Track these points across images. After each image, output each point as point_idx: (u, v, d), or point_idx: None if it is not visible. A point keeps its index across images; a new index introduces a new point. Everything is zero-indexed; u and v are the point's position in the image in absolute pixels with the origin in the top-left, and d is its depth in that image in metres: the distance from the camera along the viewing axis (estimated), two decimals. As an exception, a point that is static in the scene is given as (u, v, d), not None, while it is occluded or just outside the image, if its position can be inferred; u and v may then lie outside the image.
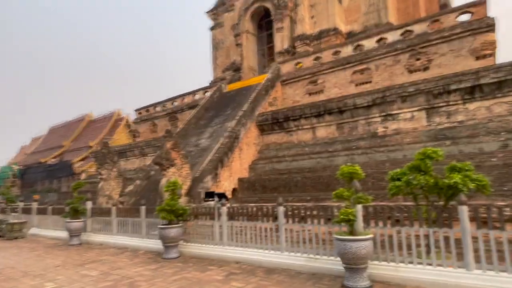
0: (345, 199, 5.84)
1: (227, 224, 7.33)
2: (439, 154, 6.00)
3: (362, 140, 14.11)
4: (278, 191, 14.08)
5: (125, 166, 24.94)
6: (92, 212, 11.40)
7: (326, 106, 15.25)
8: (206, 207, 7.66)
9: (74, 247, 10.32)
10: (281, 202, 6.63)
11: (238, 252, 7.06)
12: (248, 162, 16.48)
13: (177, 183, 7.71)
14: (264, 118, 17.15)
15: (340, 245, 5.28)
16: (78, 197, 11.18)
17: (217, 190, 14.73)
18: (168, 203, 7.54)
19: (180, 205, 7.75)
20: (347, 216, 5.26)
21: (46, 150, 54.57)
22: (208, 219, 7.73)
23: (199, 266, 6.90)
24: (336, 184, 12.45)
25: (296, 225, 6.55)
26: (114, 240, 10.10)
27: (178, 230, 7.63)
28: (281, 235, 6.61)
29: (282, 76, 19.60)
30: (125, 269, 7.00)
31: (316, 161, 14.49)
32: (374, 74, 16.74)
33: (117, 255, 8.52)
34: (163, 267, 6.98)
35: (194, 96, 24.73)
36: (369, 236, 5.36)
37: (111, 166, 15.45)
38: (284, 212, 6.64)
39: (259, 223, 6.81)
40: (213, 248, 7.58)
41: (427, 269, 5.46)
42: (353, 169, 5.84)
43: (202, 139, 18.00)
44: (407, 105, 13.42)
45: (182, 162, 13.22)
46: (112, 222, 10.09)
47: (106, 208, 10.61)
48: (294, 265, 6.42)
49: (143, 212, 8.86)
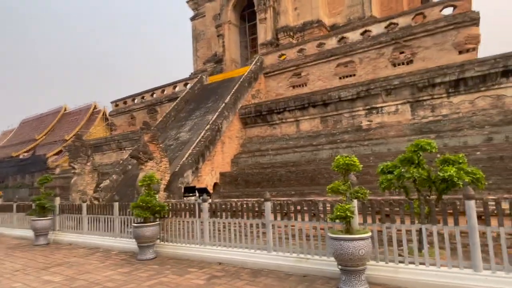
0: (341, 193, 5.36)
1: (208, 222, 6.76)
2: (432, 146, 5.73)
3: (347, 133, 13.89)
4: (261, 186, 13.69)
5: (101, 160, 23.94)
6: (61, 209, 10.53)
7: (310, 99, 14.93)
8: (185, 203, 7.03)
9: (40, 248, 9.47)
10: (268, 197, 6.12)
11: (221, 252, 6.52)
12: (230, 156, 16.00)
13: (153, 177, 7.09)
14: (247, 111, 16.68)
15: (336, 245, 4.79)
16: (45, 192, 10.27)
17: (199, 185, 14.19)
18: (143, 199, 6.86)
19: (157, 201, 7.13)
20: (344, 213, 4.80)
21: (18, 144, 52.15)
22: (188, 216, 7.10)
23: (178, 268, 6.30)
24: (321, 178, 12.18)
25: (284, 221, 6.06)
26: (84, 239, 9.35)
27: (155, 229, 6.96)
28: (268, 233, 6.10)
29: (265, 68, 19.13)
30: (94, 273, 6.35)
31: (300, 154, 14.18)
32: (358, 67, 16.54)
33: (87, 256, 7.82)
34: (137, 270, 6.35)
35: (174, 88, 23.91)
36: (368, 235, 4.89)
37: (84, 160, 14.61)
38: (271, 207, 6.14)
39: (244, 220, 6.29)
40: (193, 248, 6.96)
41: (430, 270, 4.99)
42: (350, 160, 5.32)
43: (182, 132, 17.34)
44: (392, 98, 13.27)
45: (161, 156, 12.58)
46: (83, 220, 9.29)
47: (76, 204, 9.77)
48: (282, 266, 5.93)
49: (116, 208, 8.09)
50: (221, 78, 21.31)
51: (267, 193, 6.22)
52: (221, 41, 23.57)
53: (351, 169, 5.41)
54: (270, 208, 6.13)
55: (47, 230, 9.96)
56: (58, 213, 10.07)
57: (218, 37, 23.86)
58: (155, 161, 12.35)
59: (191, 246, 7.00)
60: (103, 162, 23.55)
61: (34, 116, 57.38)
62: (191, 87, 21.31)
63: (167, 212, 7.34)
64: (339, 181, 5.51)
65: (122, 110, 26.86)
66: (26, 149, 48.05)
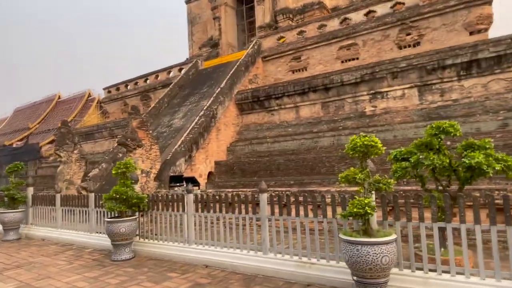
0: (358, 183, 4.26)
1: (194, 216, 5.76)
2: (456, 128, 4.92)
3: (349, 120, 13.07)
4: (258, 175, 12.92)
5: (93, 149, 23.11)
6: (34, 200, 9.49)
7: (310, 83, 14.05)
8: (167, 194, 6.13)
9: (7, 244, 8.44)
10: (264, 188, 5.14)
11: (208, 252, 5.53)
12: (226, 143, 15.19)
13: (129, 164, 6.03)
14: (244, 96, 15.80)
15: (350, 250, 3.76)
16: (15, 182, 9.31)
17: (192, 174, 13.41)
18: (117, 190, 5.86)
19: (134, 193, 6.09)
20: (363, 209, 3.80)
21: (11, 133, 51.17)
22: (171, 210, 6.06)
23: (156, 272, 5.31)
24: (321, 167, 11.41)
25: (283, 217, 5.07)
26: (58, 234, 8.35)
27: (131, 224, 5.97)
28: (264, 230, 5.10)
29: (263, 52, 18.16)
30: (55, 278, 5.33)
31: (299, 142, 13.38)
32: (362, 50, 15.62)
33: (56, 255, 6.87)
34: (108, 275, 5.31)
35: (168, 74, 22.93)
36: (393, 238, 3.89)
37: (71, 148, 13.77)
38: (268, 200, 5.19)
39: (235, 214, 5.32)
40: (176, 247, 5.96)
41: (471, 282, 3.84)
42: (370, 141, 4.27)
43: (176, 119, 16.48)
44: (398, 82, 12.42)
45: (151, 143, 11.76)
46: (57, 212, 8.34)
47: (48, 195, 8.90)
48: (281, 271, 4.86)
49: (92, 200, 7.07)
50: (217, 62, 20.34)
51: (262, 183, 5.21)
52: (217, 24, 22.48)
53: (371, 153, 4.38)
54: (266, 201, 5.17)
55: (17, 223, 9.00)
56: (31, 205, 9.15)
57: (214, 20, 22.76)
58: (145, 148, 11.54)
59: (174, 245, 6.02)
60: (95, 150, 22.72)
61: (28, 104, 56.21)
62: (185, 72, 20.35)
63: (147, 205, 6.32)
64: (355, 168, 4.42)
65: (115, 97, 25.89)
66: (19, 138, 47.11)
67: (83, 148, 17.30)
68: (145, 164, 11.50)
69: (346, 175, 4.29)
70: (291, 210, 4.91)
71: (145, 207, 6.07)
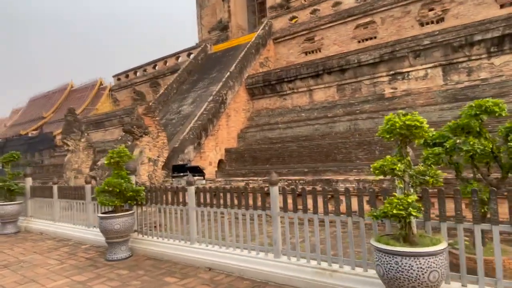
0: (397, 175, 3.25)
1: (195, 212, 5.08)
2: (502, 107, 4.20)
3: (367, 103, 12.26)
4: (270, 163, 12.35)
5: (104, 137, 22.93)
6: (33, 191, 8.95)
7: (325, 65, 13.22)
8: (166, 186, 5.65)
9: (3, 238, 7.95)
10: (275, 180, 4.34)
11: (212, 253, 4.83)
12: (236, 130, 14.61)
13: (123, 153, 5.42)
14: (255, 80, 15.09)
15: (388, 263, 2.92)
16: (11, 173, 8.86)
17: (202, 162, 12.95)
18: (110, 182, 5.17)
19: (130, 185, 5.43)
20: (406, 210, 2.92)
21: (26, 122, 51.97)
22: (170, 204, 5.40)
23: (153, 276, 4.66)
24: (337, 154, 10.74)
25: (299, 214, 4.28)
26: (56, 228, 7.82)
27: (127, 220, 5.34)
28: (276, 230, 4.32)
29: (274, 33, 17.30)
30: (41, 281, 4.77)
31: (313, 128, 12.67)
32: (380, 29, 14.60)
33: (49, 252, 6.35)
34: (98, 278, 4.68)
35: (177, 59, 22.31)
36: (443, 247, 3.00)
37: (78, 136, 13.44)
38: (280, 192, 4.38)
39: (242, 210, 4.58)
40: (177, 245, 5.29)
41: None
42: (414, 120, 3.33)
43: (185, 106, 15.96)
44: (421, 61, 11.49)
45: (158, 130, 11.29)
46: (54, 205, 7.87)
47: (46, 186, 8.49)
48: (296, 279, 4.03)
49: (89, 192, 6.69)
50: (227, 46, 19.59)
51: (273, 174, 4.40)
52: (226, 6, 21.61)
53: (415, 136, 3.44)
54: (277, 195, 4.36)
55: (15, 216, 8.56)
56: (30, 197, 8.77)
57: (223, 1, 21.88)
58: (151, 136, 11.09)
59: (174, 244, 5.35)
60: (105, 139, 22.53)
61: (42, 94, 56.82)
62: (194, 57, 19.70)
63: (144, 197, 5.67)
64: (393, 156, 3.46)
65: (124, 84, 25.52)
66: (34, 127, 47.77)
67: (90, 136, 17.02)
68: (152, 152, 11.07)
69: (382, 165, 3.29)
70: (307, 205, 4.19)
71: (143, 200, 5.53)
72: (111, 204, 5.21)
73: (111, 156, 5.21)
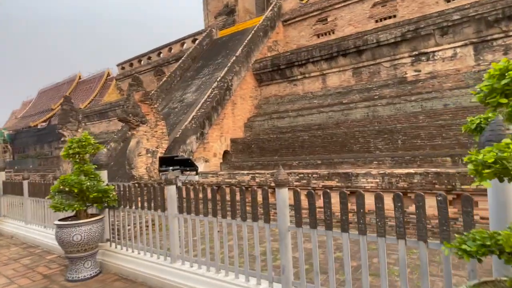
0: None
1: (177, 220, 3.85)
2: None
3: (386, 87, 11.06)
4: (279, 154, 11.32)
5: (108, 128, 22.25)
6: (5, 188, 7.85)
7: (340, 46, 12.01)
8: (140, 185, 4.33)
9: None
10: (282, 180, 3.04)
11: (200, 280, 3.49)
12: (243, 119, 13.59)
13: (86, 141, 4.33)
14: (262, 65, 13.98)
15: None
16: None
17: (205, 153, 12.01)
18: (67, 180, 3.99)
19: (95, 183, 4.19)
20: None
21: (36, 114, 52.08)
22: (147, 209, 4.08)
23: None
24: (354, 144, 9.63)
25: (318, 231, 2.93)
26: (26, 232, 6.75)
27: (92, 229, 4.15)
28: (285, 252, 3.05)
29: (284, 15, 16.07)
30: None
31: (327, 115, 11.55)
32: (400, 6, 13.25)
33: (6, 265, 5.22)
34: None
35: (182, 46, 21.32)
36: None
37: (75, 126, 12.64)
38: (288, 196, 3.08)
39: (237, 221, 3.28)
40: (153, 263, 3.98)
41: None
42: None
43: (188, 93, 14.98)
44: (448, 39, 10.20)
45: (157, 119, 10.35)
46: (25, 204, 6.80)
47: (17, 182, 7.55)
48: None
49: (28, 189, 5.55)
50: (233, 30, 18.46)
51: (280, 171, 3.08)
52: (233, -12, 20.38)
53: None
54: (287, 200, 3.07)
55: None
56: (3, 194, 7.81)
57: (230, -17, 20.65)
58: (149, 125, 10.15)
59: (151, 260, 4.03)
60: (109, 129, 21.84)
61: (51, 85, 56.80)
62: (199, 42, 18.63)
63: (116, 199, 4.40)
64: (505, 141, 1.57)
65: (128, 73, 24.67)
66: (43, 119, 47.77)
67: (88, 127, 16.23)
68: (150, 142, 10.15)
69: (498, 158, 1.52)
70: (331, 216, 2.80)
71: (114, 203, 4.43)
72: (67, 209, 4.14)
73: (70, 146, 4.15)
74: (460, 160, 7.32)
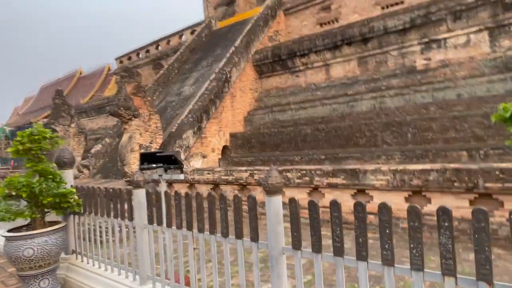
0: None
1: (147, 232, 3.15)
2: None
3: (394, 77, 10.40)
4: (281, 149, 10.74)
5: (106, 123, 21.74)
6: None
7: (344, 34, 11.34)
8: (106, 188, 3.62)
9: None
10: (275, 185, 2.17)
11: None
12: (243, 112, 13.00)
13: (42, 133, 3.54)
14: (263, 56, 13.35)
15: None
16: None
17: (203, 148, 11.45)
18: (12, 182, 3.30)
19: (51, 185, 3.46)
20: None
21: (38, 110, 51.83)
22: (113, 217, 3.38)
23: None
24: (360, 137, 9.02)
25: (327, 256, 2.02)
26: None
27: (48, 241, 3.40)
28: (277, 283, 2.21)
29: (285, 3, 15.38)
30: None
31: (331, 108, 10.93)
32: (408, -8, 12.52)
33: None
34: None
35: (180, 38, 20.70)
36: None
37: (67, 121, 12.13)
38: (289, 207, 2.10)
39: (216, 236, 2.50)
40: (120, 286, 3.22)
41: None
42: None
43: (186, 86, 14.40)
44: (462, 24, 9.51)
45: (150, 112, 9.80)
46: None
47: None
48: None
49: None
50: (233, 21, 17.78)
51: (272, 172, 2.21)
52: (232, -23, 19.66)
53: None
54: (280, 215, 2.20)
55: None
56: None
57: (229, -28, 19.92)
58: (142, 118, 9.61)
59: (118, 281, 3.27)
60: (108, 125, 21.32)
61: (53, 81, 56.48)
62: (197, 34, 17.99)
63: (79, 204, 3.69)
64: None
65: (127, 67, 24.11)
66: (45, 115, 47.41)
67: (81, 122, 15.74)
68: (144, 137, 9.62)
69: None
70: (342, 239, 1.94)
71: (78, 208, 3.75)
72: (13, 218, 3.44)
73: (20, 141, 3.48)
74: (478, 154, 6.69)
